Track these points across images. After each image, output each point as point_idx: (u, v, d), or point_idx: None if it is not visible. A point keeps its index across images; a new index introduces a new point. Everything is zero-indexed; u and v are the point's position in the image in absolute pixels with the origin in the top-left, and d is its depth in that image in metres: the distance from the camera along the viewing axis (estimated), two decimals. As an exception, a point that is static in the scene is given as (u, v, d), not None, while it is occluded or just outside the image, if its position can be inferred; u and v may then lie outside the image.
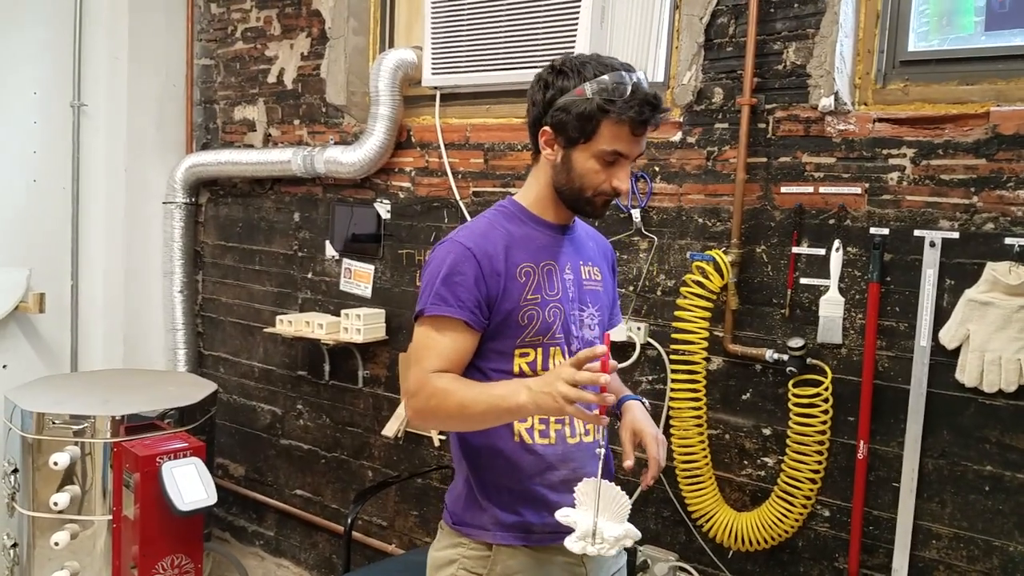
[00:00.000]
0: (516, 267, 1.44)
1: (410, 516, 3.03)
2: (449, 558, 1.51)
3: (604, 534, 1.27)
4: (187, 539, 2.57)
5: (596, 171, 1.40)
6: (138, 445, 2.51)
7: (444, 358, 1.41)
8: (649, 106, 1.36)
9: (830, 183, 2.16)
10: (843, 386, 2.13)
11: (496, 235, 1.46)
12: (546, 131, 1.43)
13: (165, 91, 3.60)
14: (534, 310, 1.44)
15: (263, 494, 3.50)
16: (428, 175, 2.93)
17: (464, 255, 1.41)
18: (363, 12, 3.15)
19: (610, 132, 1.37)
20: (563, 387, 1.22)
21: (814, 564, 2.20)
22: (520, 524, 1.46)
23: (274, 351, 3.46)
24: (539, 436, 1.46)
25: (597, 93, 1.35)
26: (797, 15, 2.18)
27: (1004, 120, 1.92)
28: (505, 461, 1.46)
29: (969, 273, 1.95)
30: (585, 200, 1.45)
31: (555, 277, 1.48)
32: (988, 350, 1.91)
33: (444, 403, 1.37)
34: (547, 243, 1.50)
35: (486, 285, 1.41)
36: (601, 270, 1.61)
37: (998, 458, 1.94)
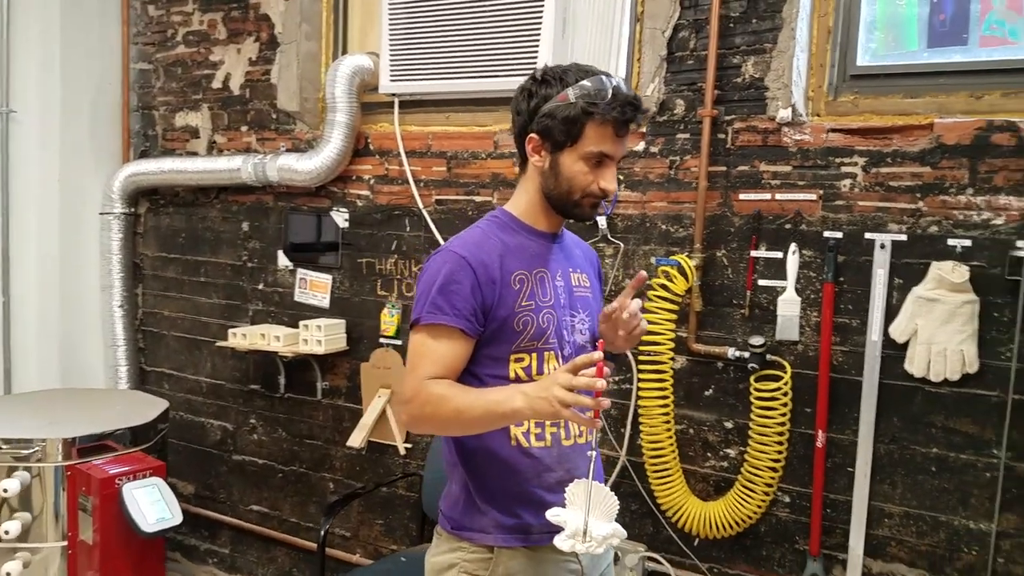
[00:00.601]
0: (511, 275, 1.52)
1: (375, 525, 3.12)
2: (449, 562, 1.58)
3: (593, 533, 1.36)
4: (149, 561, 2.59)
5: (584, 173, 1.49)
6: (94, 467, 2.51)
7: (440, 365, 1.47)
8: (631, 106, 1.47)
9: (786, 190, 2.37)
10: (801, 380, 2.35)
11: (490, 244, 1.55)
12: (533, 138, 1.52)
13: (100, 96, 3.56)
14: (529, 316, 1.52)
15: (216, 511, 3.51)
16: (388, 183, 3.03)
17: (460, 264, 1.49)
18: (315, 17, 3.21)
19: (595, 134, 1.47)
20: (560, 392, 1.31)
21: (776, 547, 2.41)
22: (520, 526, 1.54)
23: (223, 365, 3.48)
24: (535, 439, 1.54)
25: (580, 97, 1.45)
26: (755, 30, 2.39)
27: (947, 131, 2.17)
28: (502, 465, 1.53)
29: (916, 272, 2.20)
30: (574, 203, 1.53)
31: (547, 284, 1.56)
32: (935, 342, 2.15)
33: (440, 409, 1.44)
34: (539, 251, 1.58)
35: (482, 293, 1.49)
36: (589, 277, 1.70)
37: (943, 441, 2.19)
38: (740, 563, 2.45)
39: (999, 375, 2.12)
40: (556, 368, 1.55)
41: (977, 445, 2.15)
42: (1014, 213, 2.11)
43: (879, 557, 2.27)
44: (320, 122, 3.23)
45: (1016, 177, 2.10)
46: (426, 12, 2.81)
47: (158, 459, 2.71)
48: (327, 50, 3.25)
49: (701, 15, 2.47)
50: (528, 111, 1.52)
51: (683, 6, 2.49)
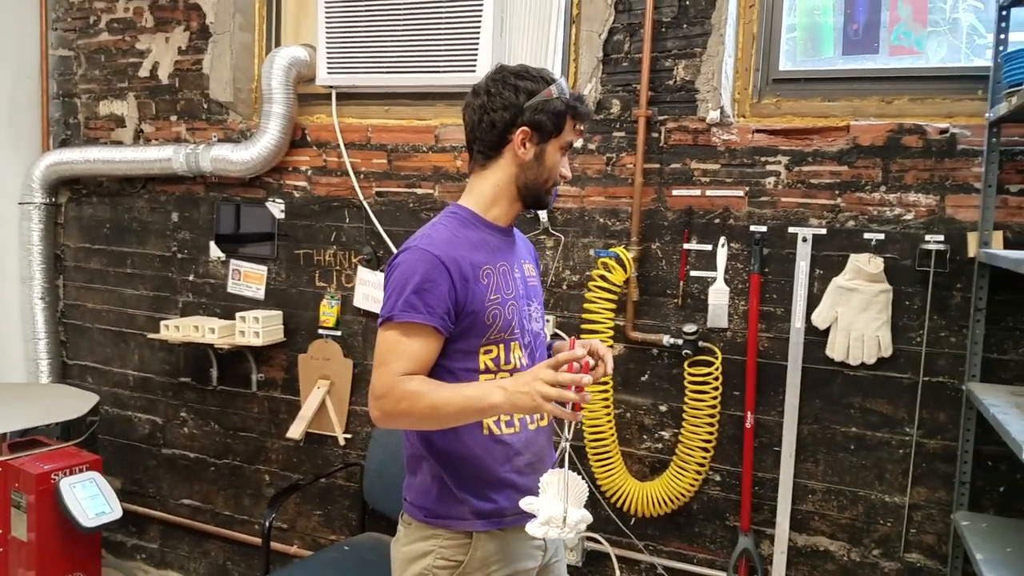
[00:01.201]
0: (479, 270, 1.53)
1: (313, 516, 3.04)
2: (423, 550, 1.58)
3: (567, 519, 1.38)
4: (86, 557, 2.47)
5: (559, 162, 1.59)
6: (28, 462, 2.37)
7: (412, 361, 1.46)
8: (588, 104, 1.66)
9: (716, 187, 2.43)
10: (731, 365, 2.42)
11: (458, 242, 1.54)
12: (525, 130, 1.54)
13: (17, 84, 3.33)
14: (497, 309, 1.54)
15: (145, 506, 3.35)
16: (327, 174, 2.95)
17: (434, 264, 1.48)
18: (248, 8, 3.09)
19: (571, 127, 1.59)
20: (543, 387, 1.34)
21: (708, 524, 2.48)
22: (496, 511, 1.57)
23: (152, 358, 3.32)
24: (506, 426, 1.57)
25: (560, 94, 1.56)
26: (686, 35, 2.44)
27: (862, 133, 2.27)
28: (476, 454, 1.55)
29: (835, 264, 2.29)
30: (546, 191, 1.61)
31: (509, 276, 1.59)
32: (853, 329, 2.25)
33: (415, 405, 1.43)
34: (499, 245, 1.61)
35: (455, 291, 1.48)
36: (535, 268, 1.77)
37: (861, 421, 2.30)
38: (675, 540, 2.51)
39: (911, 359, 2.23)
40: (521, 357, 1.60)
41: (891, 424, 2.26)
42: (923, 209, 2.22)
43: (804, 531, 2.36)
44: (253, 112, 3.11)
45: (924, 176, 2.22)
46: (363, 5, 2.74)
47: (91, 453, 2.57)
48: (260, 41, 3.13)
49: (635, 19, 2.50)
50: (518, 104, 1.54)
51: (618, 10, 2.52)
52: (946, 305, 2.20)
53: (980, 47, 2.31)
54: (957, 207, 2.19)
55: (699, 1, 2.42)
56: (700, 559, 2.49)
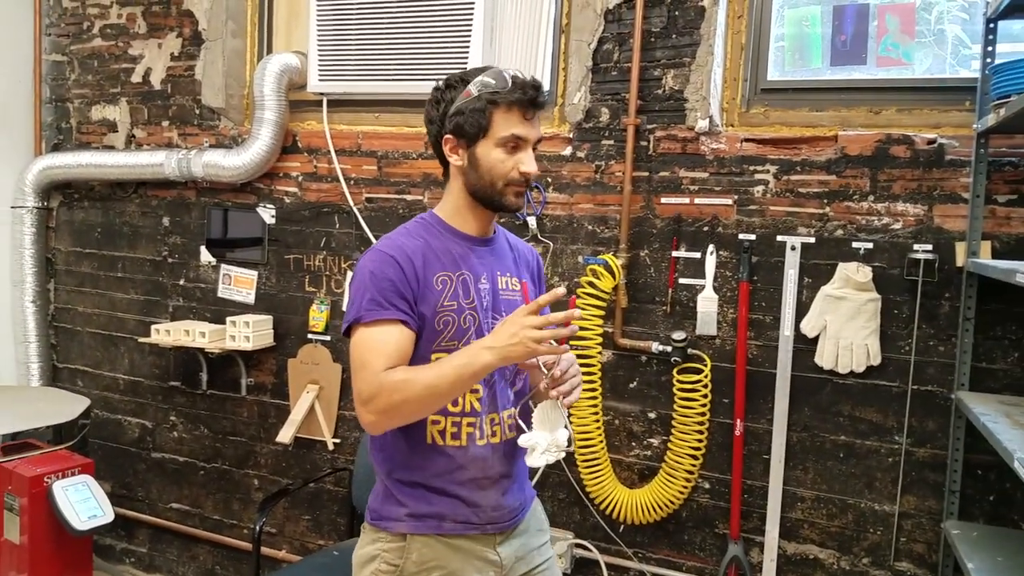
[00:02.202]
0: (433, 275, 1.44)
1: (301, 521, 2.90)
2: (371, 554, 1.48)
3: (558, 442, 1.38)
4: (78, 560, 2.35)
5: (502, 160, 1.42)
6: (21, 465, 2.24)
7: (391, 357, 1.37)
8: (531, 87, 1.42)
9: (704, 195, 2.32)
10: (720, 372, 2.31)
11: (414, 244, 1.45)
12: (449, 139, 1.45)
13: (10, 88, 3.18)
14: (450, 316, 1.44)
15: (133, 510, 3.19)
16: (317, 180, 2.82)
17: (387, 261, 1.41)
18: (240, 15, 2.96)
19: (503, 119, 1.41)
20: (532, 332, 1.27)
21: (697, 531, 2.36)
22: (433, 513, 1.45)
23: (142, 362, 3.17)
24: (450, 438, 1.45)
25: (482, 89, 1.41)
26: (675, 45, 2.33)
27: (850, 142, 2.17)
28: (417, 460, 1.46)
29: (824, 272, 2.19)
30: (499, 193, 1.45)
31: (471, 286, 1.47)
32: (842, 337, 2.15)
33: (410, 392, 1.33)
34: (463, 253, 1.49)
35: (410, 287, 1.41)
36: (520, 279, 1.60)
37: (850, 429, 2.19)
38: (664, 548, 2.39)
39: (899, 367, 2.13)
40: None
41: (880, 432, 2.15)
42: (910, 219, 2.12)
43: (793, 539, 2.25)
44: (245, 119, 2.98)
45: (912, 186, 2.12)
46: (355, 13, 2.63)
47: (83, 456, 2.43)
48: (252, 47, 3.00)
49: (624, 29, 2.39)
50: (439, 116, 1.46)
51: (607, 20, 2.41)
52: (935, 314, 2.10)
53: (966, 58, 2.22)
54: (945, 217, 2.09)
55: (688, 12, 2.32)
56: (689, 567, 2.37)
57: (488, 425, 1.48)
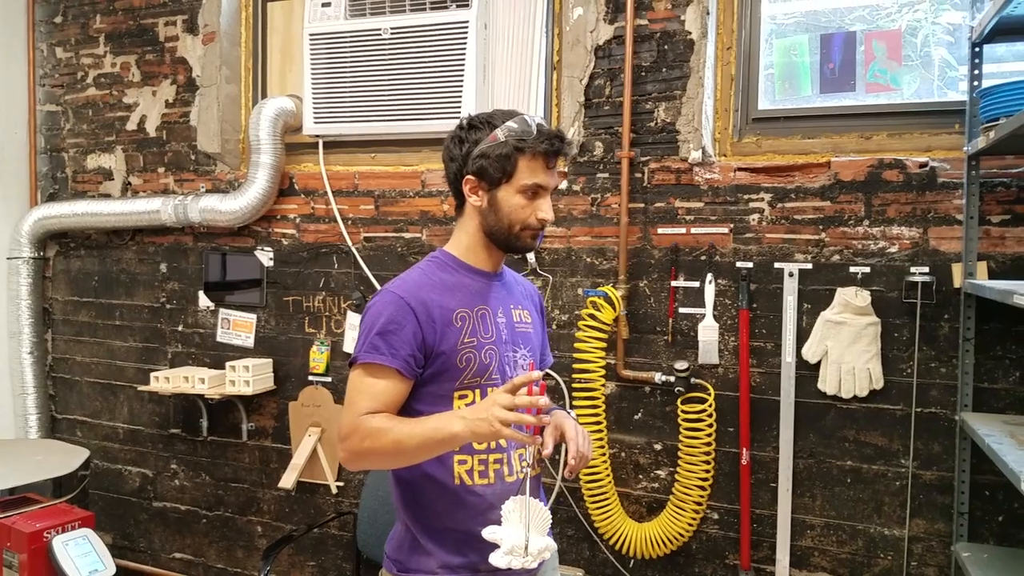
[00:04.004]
0: (452, 313, 1.45)
1: (307, 567, 2.90)
2: None
3: (530, 548, 1.30)
4: (78, 616, 2.31)
5: (522, 206, 1.45)
6: (20, 520, 2.24)
7: (376, 401, 1.39)
8: (556, 138, 1.45)
9: (700, 224, 2.38)
10: (723, 401, 2.34)
11: (430, 284, 1.48)
12: (470, 179, 1.47)
13: (5, 139, 3.25)
14: (471, 353, 1.45)
15: (136, 561, 3.20)
16: (315, 221, 2.87)
17: (399, 306, 1.42)
18: (235, 61, 3.04)
19: (527, 167, 1.44)
20: (500, 412, 1.25)
21: (707, 563, 2.38)
22: (467, 564, 1.45)
23: (141, 410, 3.19)
24: (479, 477, 1.45)
25: (509, 136, 1.43)
26: (665, 78, 2.40)
27: (842, 168, 2.23)
28: (447, 504, 1.45)
29: (823, 297, 2.23)
30: (515, 236, 1.48)
31: (489, 321, 1.50)
32: (843, 362, 2.19)
33: (379, 442, 1.35)
34: (479, 289, 1.52)
35: (423, 333, 1.42)
36: (530, 313, 1.63)
37: (856, 454, 2.22)
38: (674, 580, 2.41)
39: (902, 390, 2.17)
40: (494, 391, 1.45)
41: (886, 456, 2.19)
42: (906, 242, 2.17)
43: (804, 567, 2.27)
44: (241, 163, 3.04)
45: (906, 209, 2.18)
46: (348, 56, 2.70)
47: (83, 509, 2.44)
48: (247, 92, 3.08)
49: (615, 64, 2.46)
50: (461, 156, 1.49)
51: (598, 56, 2.48)
52: (935, 336, 2.14)
53: (952, 80, 2.29)
54: (940, 239, 2.14)
55: (677, 45, 2.39)
56: (700, 599, 2.39)
57: (517, 461, 1.48)
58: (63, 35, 3.31)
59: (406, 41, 2.62)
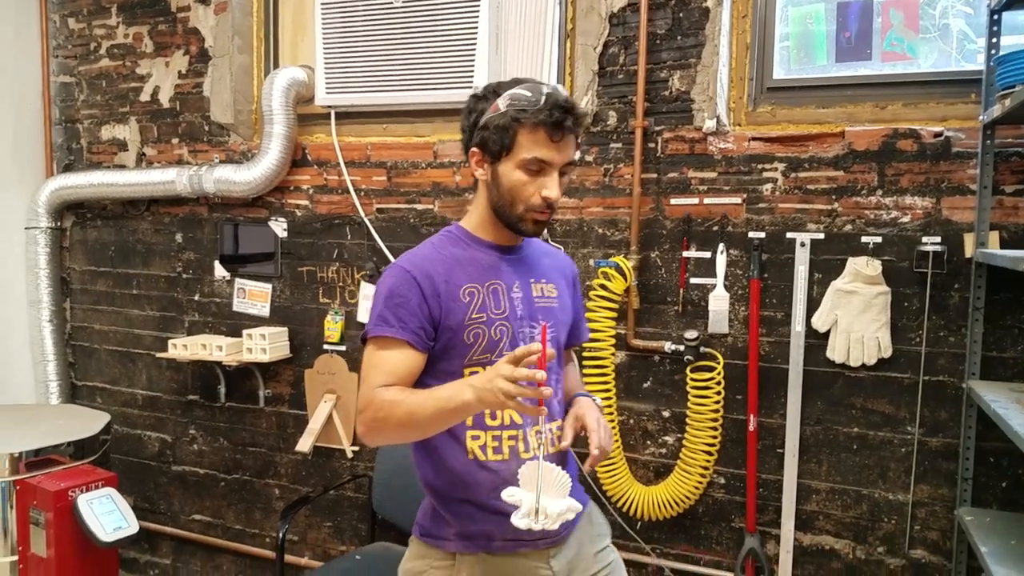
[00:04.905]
0: (459, 288, 1.44)
1: (323, 528, 2.98)
2: (418, 569, 1.51)
3: (547, 510, 1.30)
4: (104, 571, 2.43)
5: (523, 182, 1.39)
6: (45, 480, 2.32)
7: (389, 374, 1.40)
8: (560, 109, 1.35)
9: (713, 195, 2.39)
10: (732, 369, 2.37)
11: (439, 258, 1.47)
12: (474, 152, 1.45)
13: (20, 111, 3.27)
14: (480, 328, 1.43)
15: (156, 523, 3.28)
16: (328, 192, 2.89)
17: (405, 278, 1.43)
18: (246, 31, 3.03)
19: (528, 140, 1.37)
20: (503, 384, 1.22)
21: (713, 526, 2.43)
22: (481, 532, 1.46)
23: (160, 377, 3.25)
24: (492, 453, 1.45)
25: (510, 106, 1.37)
26: (680, 46, 2.40)
27: (856, 138, 2.23)
28: (460, 478, 1.45)
29: (834, 267, 2.25)
30: (517, 216, 1.43)
31: (501, 296, 1.47)
32: (853, 331, 2.21)
33: (392, 414, 1.35)
34: (492, 263, 1.49)
35: (428, 306, 1.41)
36: (558, 287, 1.58)
37: (863, 421, 2.25)
38: (681, 542, 2.46)
39: (911, 359, 2.19)
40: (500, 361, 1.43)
41: (893, 423, 2.22)
42: (918, 212, 2.18)
43: (809, 531, 2.31)
44: (254, 133, 3.06)
45: (919, 179, 2.18)
46: (360, 26, 2.70)
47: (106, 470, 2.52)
48: (259, 63, 3.08)
49: (630, 32, 2.45)
50: (468, 127, 1.47)
51: (612, 24, 2.47)
52: (944, 305, 2.16)
53: (970, 52, 2.27)
54: (953, 209, 2.15)
55: (692, 13, 2.38)
56: (707, 560, 2.44)
57: (534, 437, 1.46)
58: (75, 6, 3.30)
59: (418, 9, 2.61)
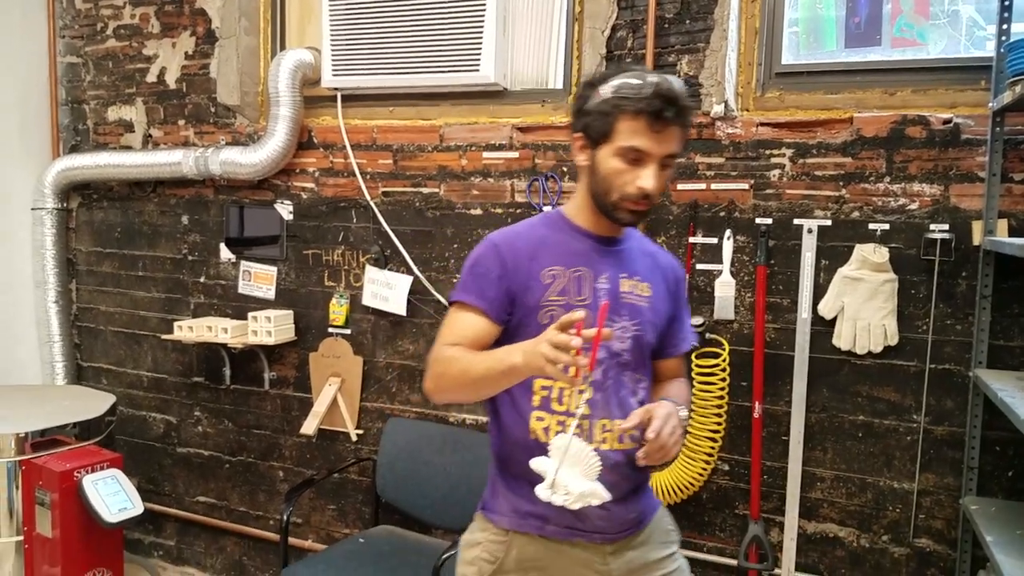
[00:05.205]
0: (542, 269, 1.45)
1: (327, 511, 2.99)
2: (476, 541, 1.55)
3: (569, 487, 1.29)
4: (109, 552, 2.43)
5: (620, 171, 1.38)
6: (51, 461, 2.33)
7: (459, 336, 1.43)
8: (661, 99, 1.33)
9: (720, 180, 2.38)
10: (738, 356, 2.36)
11: (529, 237, 1.48)
12: (577, 137, 1.44)
13: (27, 91, 3.27)
14: (556, 311, 1.41)
15: (161, 504, 3.30)
16: (333, 175, 2.89)
17: (491, 250, 1.47)
18: (253, 12, 3.02)
19: (627, 128, 1.35)
20: (545, 348, 1.21)
21: (717, 513, 2.43)
22: (536, 513, 1.47)
23: (165, 359, 3.26)
24: (555, 437, 1.41)
25: (614, 92, 1.36)
26: (689, 31, 2.38)
27: (865, 124, 2.21)
28: (520, 456, 1.44)
29: (841, 254, 2.24)
30: (612, 205, 1.42)
31: (585, 284, 1.46)
32: (859, 318, 2.20)
33: (449, 369, 1.39)
34: (582, 251, 1.48)
35: (508, 279, 1.44)
36: (654, 287, 1.55)
37: (868, 408, 2.25)
38: (685, 529, 2.45)
39: (917, 347, 2.18)
40: None
41: (898, 411, 2.21)
42: (927, 199, 2.17)
43: (813, 518, 2.31)
44: (260, 116, 3.05)
45: (928, 166, 2.17)
46: (367, 8, 2.69)
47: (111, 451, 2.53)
48: (265, 44, 3.07)
49: (638, 15, 2.44)
50: (575, 110, 1.46)
51: (620, 7, 2.46)
52: (952, 293, 2.15)
53: (980, 39, 2.25)
54: (961, 196, 2.14)
55: (701, -3, 2.37)
56: (710, 547, 2.44)
57: (599, 431, 1.45)
58: (82, -15, 3.30)
59: (426, -9, 2.60)
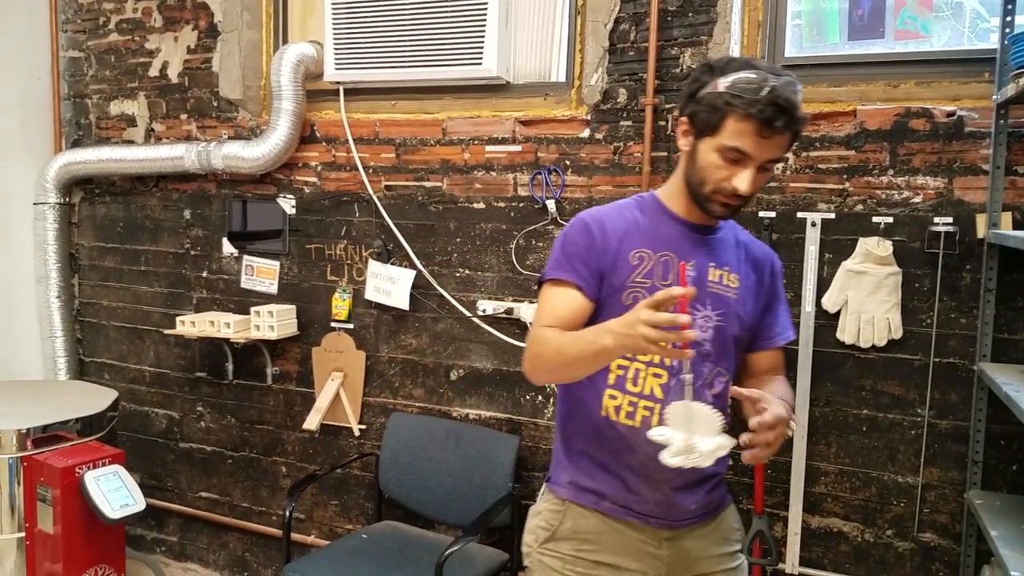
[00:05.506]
0: (630, 250, 1.45)
1: (329, 506, 2.99)
2: (538, 511, 1.60)
3: (699, 447, 1.26)
4: (110, 548, 2.43)
5: (718, 166, 1.37)
6: (52, 457, 2.32)
7: (555, 316, 1.44)
8: (775, 107, 1.30)
9: (723, 173, 2.37)
10: (741, 350, 2.36)
11: (620, 218, 1.49)
12: (683, 121, 1.43)
13: (29, 86, 3.27)
14: (640, 293, 1.41)
15: (163, 500, 3.30)
16: (336, 169, 2.89)
17: (581, 228, 1.48)
18: (256, 6, 3.02)
19: (735, 128, 1.33)
20: (645, 330, 1.18)
21: (721, 508, 2.43)
22: (593, 488, 1.50)
23: (167, 354, 3.26)
24: (625, 417, 1.45)
25: (729, 88, 1.33)
26: (692, 23, 2.38)
27: (869, 117, 2.21)
28: (589, 431, 1.50)
29: (845, 247, 2.23)
30: (704, 196, 1.41)
31: (671, 269, 1.45)
32: (863, 312, 2.20)
33: (544, 349, 1.40)
34: (672, 236, 1.48)
35: (597, 257, 1.45)
36: (743, 279, 1.53)
37: (872, 402, 2.24)
38: (688, 523, 2.46)
39: (921, 340, 2.18)
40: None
41: (903, 405, 2.21)
42: (930, 192, 2.16)
43: (817, 513, 2.31)
44: (263, 110, 3.05)
45: (931, 159, 2.16)
46: (370, 1, 2.69)
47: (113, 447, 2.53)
48: (268, 38, 3.07)
49: (641, 8, 2.43)
50: (686, 95, 1.44)
51: (623, 0, 2.45)
52: (956, 286, 2.14)
53: (984, 31, 2.25)
54: (965, 189, 2.13)
55: (704, -11, 2.36)
56: (713, 542, 2.44)
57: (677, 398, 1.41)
58: (84, -21, 3.31)
59: (428, -15, 2.60)
